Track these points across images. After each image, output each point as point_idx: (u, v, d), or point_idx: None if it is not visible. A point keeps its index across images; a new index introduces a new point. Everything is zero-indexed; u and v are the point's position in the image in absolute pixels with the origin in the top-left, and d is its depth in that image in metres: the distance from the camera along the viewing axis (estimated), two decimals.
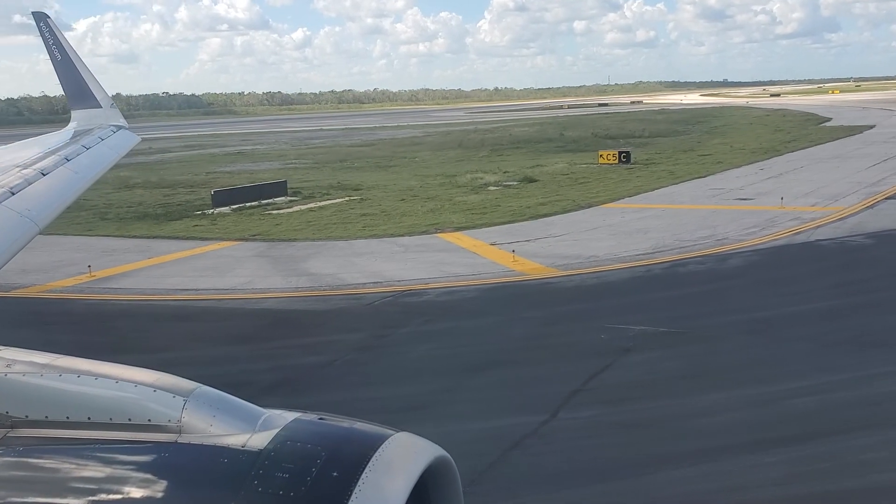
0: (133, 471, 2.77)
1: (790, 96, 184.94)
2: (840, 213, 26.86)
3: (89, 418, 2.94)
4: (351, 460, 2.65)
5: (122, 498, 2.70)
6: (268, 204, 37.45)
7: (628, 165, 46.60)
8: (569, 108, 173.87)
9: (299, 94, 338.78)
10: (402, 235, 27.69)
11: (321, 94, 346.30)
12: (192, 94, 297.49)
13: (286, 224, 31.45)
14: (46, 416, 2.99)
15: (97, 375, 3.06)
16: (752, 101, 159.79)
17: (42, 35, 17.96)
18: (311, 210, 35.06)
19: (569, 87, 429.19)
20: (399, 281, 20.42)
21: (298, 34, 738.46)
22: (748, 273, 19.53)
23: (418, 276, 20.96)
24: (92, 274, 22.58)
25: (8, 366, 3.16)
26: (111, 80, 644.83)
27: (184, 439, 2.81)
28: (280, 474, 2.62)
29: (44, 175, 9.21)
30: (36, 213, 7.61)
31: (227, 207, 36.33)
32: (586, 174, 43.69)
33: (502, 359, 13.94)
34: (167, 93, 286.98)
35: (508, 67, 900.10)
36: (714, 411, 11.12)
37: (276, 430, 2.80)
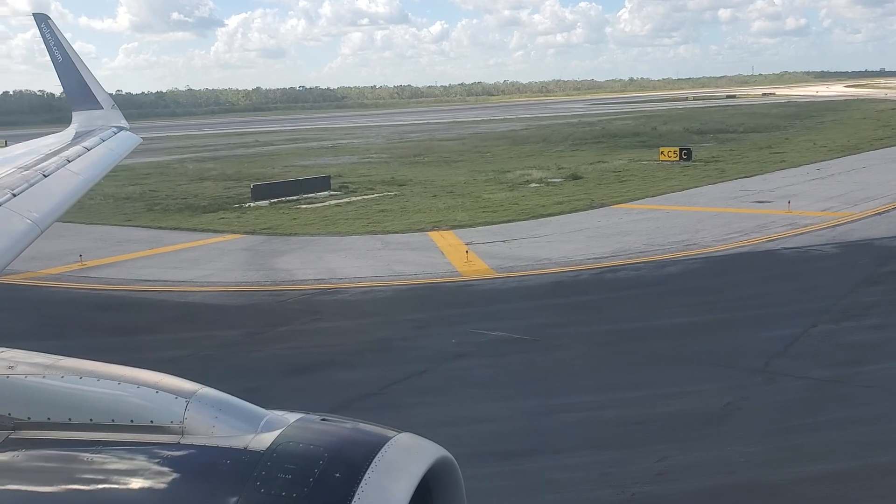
0: (136, 472, 2.78)
1: None
2: (842, 219, 25.28)
3: (91, 420, 2.95)
4: (353, 461, 2.66)
5: (125, 499, 2.73)
6: (309, 198, 38.88)
7: (686, 163, 45.12)
8: (694, 99, 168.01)
9: (429, 87, 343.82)
10: (397, 232, 28.27)
11: (450, 87, 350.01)
12: (328, 88, 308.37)
13: (302, 219, 32.66)
14: (48, 418, 2.99)
15: (99, 377, 3.08)
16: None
17: (43, 36, 18.46)
18: (337, 206, 36.17)
19: (709, 77, 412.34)
20: (340, 279, 21.06)
21: (436, 27, 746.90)
22: (665, 282, 18.92)
23: (364, 274, 21.54)
24: (83, 263, 24.45)
25: (10, 367, 3.16)
26: (259, 74, 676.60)
27: (186, 440, 2.83)
28: (283, 475, 2.63)
29: (45, 176, 9.24)
30: (37, 215, 7.62)
31: (266, 201, 38.03)
32: (637, 172, 42.72)
33: (335, 360, 14.33)
34: (304, 86, 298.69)
35: (649, 57, 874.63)
36: (468, 421, 11.13)
37: (278, 431, 2.82)
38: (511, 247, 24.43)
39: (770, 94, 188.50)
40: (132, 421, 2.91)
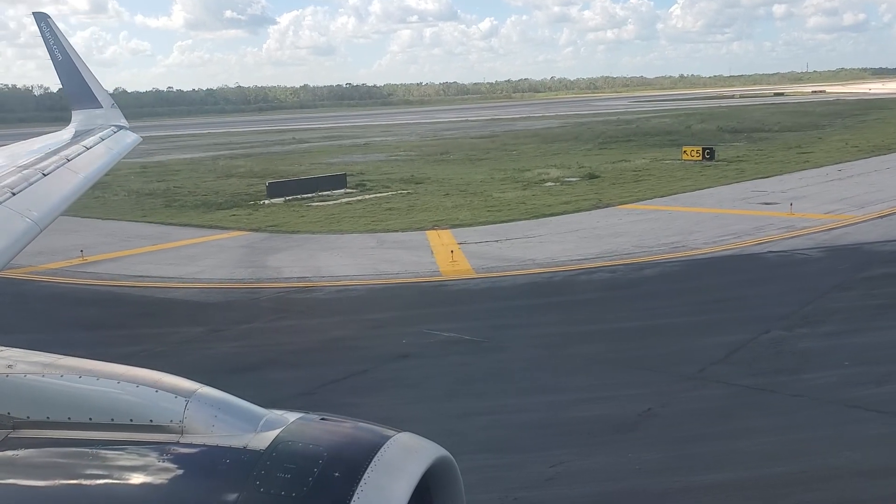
0: (135, 471, 2.78)
1: None
2: (842, 222, 24.74)
3: (91, 419, 2.95)
4: (353, 461, 2.66)
5: (124, 499, 2.73)
6: (323, 196, 39.30)
7: (708, 163, 44.49)
8: (740, 97, 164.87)
9: (474, 84, 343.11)
10: (397, 231, 28.50)
11: (496, 83, 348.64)
12: (374, 85, 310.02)
13: (310, 216, 33.08)
14: (48, 417, 2.99)
15: (99, 376, 3.08)
16: None
17: (43, 35, 18.48)
18: (348, 203, 36.53)
19: (762, 74, 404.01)
20: (322, 277, 21.36)
21: (485, 24, 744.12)
22: (636, 285, 18.79)
23: (348, 272, 21.78)
24: (84, 258, 25.18)
25: (9, 366, 3.16)
26: (309, 71, 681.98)
27: (186, 440, 2.83)
28: (282, 475, 2.63)
29: (45, 175, 9.27)
30: (37, 214, 7.63)
31: (281, 199, 38.58)
32: (655, 171, 42.32)
33: (281, 359, 14.56)
34: (350, 84, 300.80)
35: (701, 54, 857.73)
36: (382, 422, 11.22)
37: (277, 431, 2.82)
38: (502, 247, 24.46)
39: (820, 91, 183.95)
40: (131, 420, 2.92)
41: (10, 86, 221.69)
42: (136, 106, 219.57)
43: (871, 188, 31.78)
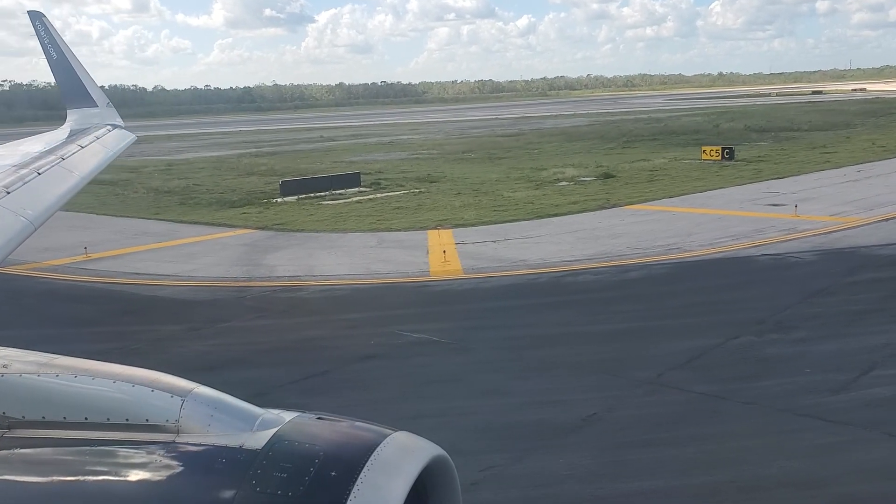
0: (131, 471, 2.77)
1: None
2: (845, 225, 24.25)
3: (86, 418, 2.94)
4: (349, 460, 2.66)
5: (120, 498, 2.72)
6: (336, 195, 39.53)
7: (727, 162, 43.92)
8: (777, 95, 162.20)
9: (510, 82, 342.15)
10: (399, 230, 28.59)
11: (532, 81, 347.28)
12: (409, 83, 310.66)
13: (318, 215, 33.30)
14: (43, 417, 2.98)
15: (94, 375, 3.07)
16: None
17: (38, 34, 18.53)
18: (358, 202, 36.72)
19: (803, 72, 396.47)
20: (314, 276, 21.50)
21: (523, 21, 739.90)
22: (617, 288, 18.60)
23: (339, 271, 21.93)
24: (87, 255, 25.63)
25: (4, 366, 3.15)
26: (347, 69, 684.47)
27: (182, 439, 2.83)
28: (278, 474, 2.62)
29: (39, 174, 9.28)
30: (31, 212, 7.63)
31: (294, 197, 38.89)
32: (672, 171, 41.92)
33: (247, 359, 14.61)
34: (385, 82, 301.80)
35: (742, 51, 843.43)
36: None
37: (274, 430, 2.81)
38: (497, 247, 24.41)
39: (860, 89, 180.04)
40: (127, 419, 2.91)
41: (52, 84, 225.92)
42: (175, 104, 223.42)
43: (886, 190, 31.09)
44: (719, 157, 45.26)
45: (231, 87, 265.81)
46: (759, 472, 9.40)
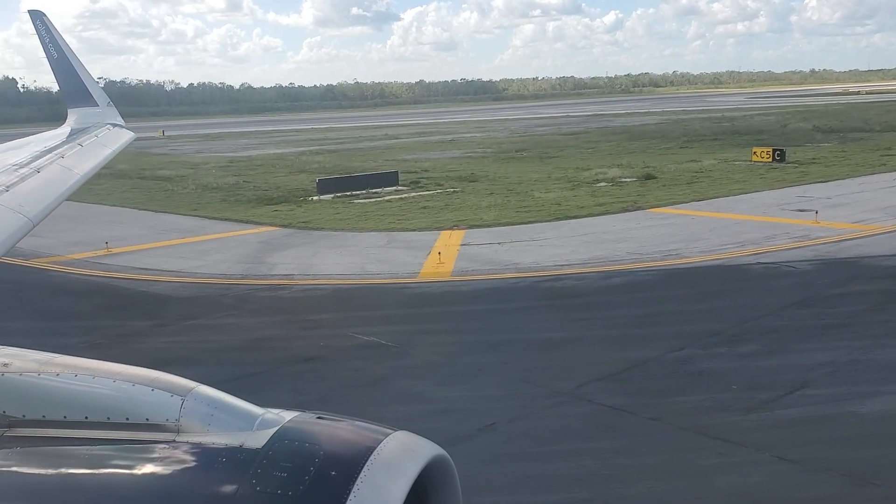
0: (131, 470, 2.77)
1: None
2: (862, 233, 23.17)
3: (87, 417, 2.95)
4: (349, 459, 2.65)
5: (120, 497, 2.71)
6: (373, 193, 39.94)
7: (776, 165, 42.42)
8: (866, 93, 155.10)
9: (593, 78, 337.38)
10: (414, 230, 28.72)
11: (615, 78, 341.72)
12: (489, 80, 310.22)
13: (345, 213, 33.72)
14: (43, 416, 2.99)
15: (94, 374, 3.07)
16: None
17: (38, 33, 18.56)
18: (388, 201, 37.00)
19: None
20: (306, 275, 21.84)
21: (610, 17, 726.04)
22: (589, 294, 18.32)
23: (332, 271, 22.22)
24: (108, 250, 26.65)
25: (5, 365, 3.15)
26: (432, 67, 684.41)
27: (182, 438, 2.83)
28: (278, 473, 2.62)
29: (38, 172, 9.41)
30: (30, 209, 7.71)
31: (330, 195, 39.46)
32: (716, 173, 40.82)
33: (194, 357, 14.88)
34: (465, 79, 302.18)
35: (837, 47, 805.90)
36: None
37: (274, 429, 2.82)
38: (499, 249, 24.28)
39: None
40: (127, 419, 2.91)
41: (144, 81, 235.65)
42: (259, 101, 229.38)
43: None
44: (770, 159, 43.77)
45: (314, 85, 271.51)
46: (622, 490, 9.16)
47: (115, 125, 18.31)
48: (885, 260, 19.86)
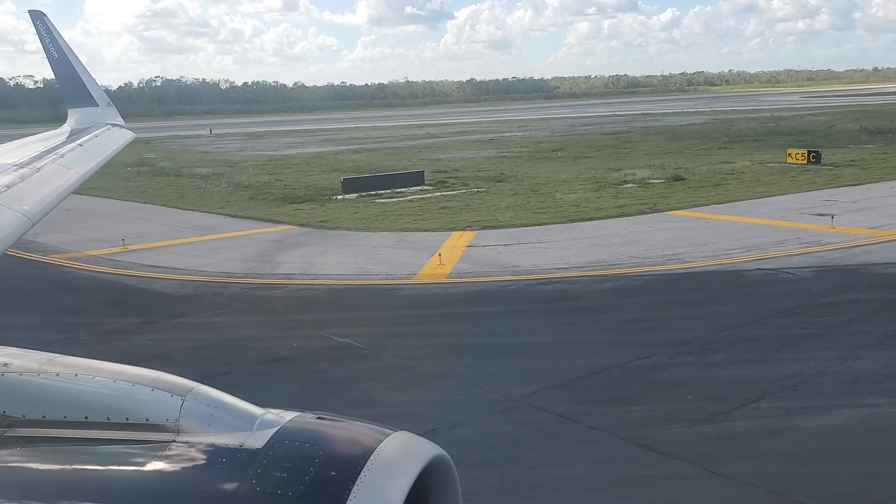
0: (130, 470, 2.78)
1: None
2: (874, 240, 22.45)
3: (87, 418, 2.95)
4: (349, 460, 2.66)
5: (120, 497, 2.71)
6: (397, 193, 40.05)
7: (810, 167, 41.35)
8: None
9: (646, 77, 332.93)
10: (427, 231, 28.72)
11: (670, 76, 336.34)
12: (541, 79, 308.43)
13: (364, 213, 33.87)
14: (43, 416, 3.00)
15: (94, 374, 3.07)
16: None
17: (38, 33, 18.77)
18: (409, 201, 37.06)
19: None
20: (307, 275, 22.02)
21: (666, 15, 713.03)
22: (576, 298, 18.06)
23: (333, 271, 22.37)
24: (125, 247, 27.23)
25: (5, 365, 3.16)
26: (485, 65, 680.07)
27: (182, 438, 2.83)
28: (278, 473, 2.62)
29: (38, 171, 9.53)
30: (29, 208, 7.79)
31: (354, 194, 39.69)
32: (747, 175, 39.97)
33: (170, 356, 14.99)
34: (516, 77, 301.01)
35: None
36: None
37: (274, 430, 2.82)
38: (503, 251, 24.15)
39: None
40: (127, 419, 2.92)
41: (200, 79, 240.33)
42: (311, 100, 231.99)
43: None
44: (805, 161, 42.68)
45: (366, 84, 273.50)
46: (541, 501, 9.02)
47: (114, 125, 18.65)
48: (889, 268, 19.19)
